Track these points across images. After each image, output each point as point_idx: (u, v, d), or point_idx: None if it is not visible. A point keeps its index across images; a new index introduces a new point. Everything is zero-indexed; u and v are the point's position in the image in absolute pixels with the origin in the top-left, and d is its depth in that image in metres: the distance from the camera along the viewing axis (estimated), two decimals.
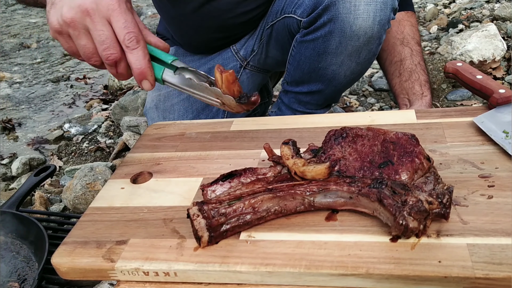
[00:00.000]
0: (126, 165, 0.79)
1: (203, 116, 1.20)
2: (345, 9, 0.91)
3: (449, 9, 2.36)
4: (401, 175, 0.58)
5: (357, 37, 0.93)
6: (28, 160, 1.52)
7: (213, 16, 1.13)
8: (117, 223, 0.64)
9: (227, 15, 1.13)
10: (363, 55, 0.98)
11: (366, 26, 0.92)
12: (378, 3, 0.91)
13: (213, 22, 1.15)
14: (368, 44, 0.96)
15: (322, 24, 0.94)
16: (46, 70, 2.50)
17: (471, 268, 0.48)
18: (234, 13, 1.13)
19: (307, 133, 0.81)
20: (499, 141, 0.68)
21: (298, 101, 1.13)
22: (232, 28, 1.18)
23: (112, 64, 0.69)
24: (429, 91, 1.09)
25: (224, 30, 1.18)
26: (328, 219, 0.58)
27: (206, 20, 1.15)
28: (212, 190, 0.61)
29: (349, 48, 0.96)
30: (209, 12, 1.12)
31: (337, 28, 0.93)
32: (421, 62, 1.13)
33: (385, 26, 0.95)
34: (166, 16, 1.23)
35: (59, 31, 0.69)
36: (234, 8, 1.12)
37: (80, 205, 1.19)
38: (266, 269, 0.52)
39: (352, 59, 0.98)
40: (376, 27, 0.93)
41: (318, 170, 0.59)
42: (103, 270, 0.57)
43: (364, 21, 0.91)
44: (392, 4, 0.94)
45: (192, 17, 1.14)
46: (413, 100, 1.08)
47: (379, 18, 0.92)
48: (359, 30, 0.92)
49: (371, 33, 0.93)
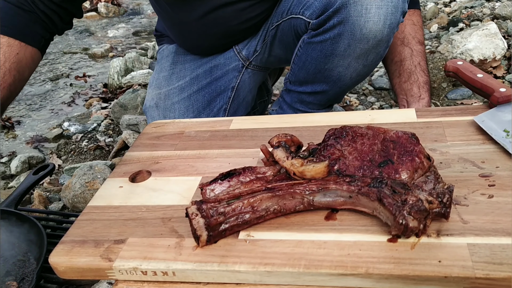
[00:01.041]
0: (125, 164, 0.79)
1: (204, 115, 1.20)
2: (356, 12, 0.90)
3: (450, 8, 2.35)
4: (401, 174, 0.58)
5: (367, 40, 0.93)
6: (27, 158, 1.52)
7: (217, 24, 1.12)
8: (115, 222, 0.64)
9: (232, 22, 1.12)
10: (370, 58, 0.98)
11: (376, 29, 0.91)
12: (389, 6, 0.90)
13: (217, 29, 1.14)
14: (377, 47, 0.95)
15: (332, 26, 0.94)
16: (46, 68, 2.50)
17: (472, 268, 0.48)
18: (239, 20, 1.12)
19: (307, 132, 0.80)
20: (499, 140, 0.68)
21: (301, 100, 1.13)
22: (236, 34, 1.17)
23: None
24: (427, 93, 1.09)
25: (228, 36, 1.17)
26: (327, 219, 0.58)
27: (210, 28, 1.14)
28: (211, 189, 0.61)
29: (357, 51, 0.95)
30: (214, 20, 1.11)
31: (347, 30, 0.92)
32: (422, 62, 1.12)
33: (395, 30, 0.95)
34: (168, 22, 1.22)
35: None
36: (238, 15, 1.11)
37: (79, 203, 1.19)
38: (265, 269, 0.52)
39: (360, 61, 0.98)
40: (386, 31, 0.92)
41: (318, 169, 0.58)
42: (101, 269, 0.57)
43: (374, 24, 0.91)
44: (403, 8, 0.93)
45: (195, 24, 1.13)
46: (410, 102, 1.08)
47: (389, 21, 0.91)
48: (369, 33, 0.92)
49: (380, 36, 0.93)
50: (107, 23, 3.28)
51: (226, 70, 1.22)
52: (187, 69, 1.24)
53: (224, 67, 1.22)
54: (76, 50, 2.74)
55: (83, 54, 2.68)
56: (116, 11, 3.47)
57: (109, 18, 3.41)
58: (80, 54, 2.69)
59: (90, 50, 2.69)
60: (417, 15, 1.18)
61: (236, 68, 1.21)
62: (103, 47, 2.70)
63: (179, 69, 1.24)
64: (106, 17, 3.43)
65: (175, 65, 1.25)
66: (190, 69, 1.23)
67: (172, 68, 1.25)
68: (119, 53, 2.64)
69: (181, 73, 1.23)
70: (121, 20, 3.34)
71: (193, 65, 1.24)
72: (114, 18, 3.39)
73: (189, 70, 1.23)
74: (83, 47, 2.78)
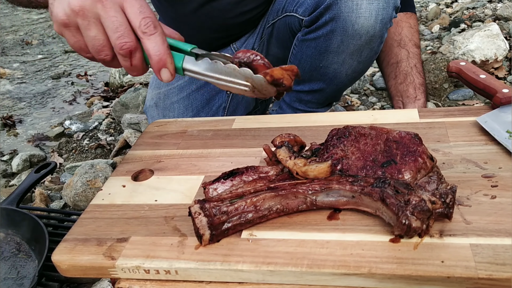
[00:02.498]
0: (127, 163, 0.79)
1: (203, 114, 1.20)
2: (347, 8, 0.90)
3: (451, 9, 2.35)
4: (404, 174, 0.58)
5: (359, 36, 0.93)
6: (28, 156, 1.52)
7: (212, 17, 1.13)
8: (118, 221, 0.64)
9: (227, 15, 1.12)
10: (364, 54, 0.98)
11: (368, 25, 0.91)
12: (381, 1, 0.90)
13: (212, 23, 1.14)
14: (370, 43, 0.95)
15: (324, 23, 0.94)
16: (47, 66, 2.50)
17: (474, 268, 0.48)
18: (233, 13, 1.12)
19: (309, 132, 0.80)
20: (502, 141, 0.68)
21: (299, 99, 1.13)
22: (232, 27, 1.17)
23: (126, 54, 0.62)
24: (423, 95, 1.09)
25: (224, 30, 1.17)
26: (330, 218, 0.58)
27: (205, 21, 1.14)
28: (213, 188, 0.61)
29: (351, 47, 0.95)
30: (209, 13, 1.12)
31: (339, 27, 0.92)
32: (418, 64, 1.13)
33: (387, 25, 0.95)
34: (165, 16, 1.23)
35: (65, 23, 0.63)
36: (234, 8, 1.11)
37: (81, 202, 1.19)
38: (267, 268, 0.52)
39: (354, 58, 0.98)
40: (378, 26, 0.92)
41: (320, 169, 0.58)
42: (103, 267, 0.57)
43: (366, 20, 0.91)
44: (394, 3, 0.93)
45: (191, 17, 1.14)
46: (406, 103, 1.08)
47: (381, 16, 0.91)
48: (361, 29, 0.92)
49: (373, 32, 0.93)
50: None
51: None
52: None
53: None
54: None
55: None
56: None
57: None
58: None
59: None
60: (413, 18, 1.19)
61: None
62: None
63: None
64: None
65: None
66: None
67: None
68: None
69: None
70: None
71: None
72: None
73: None
74: None
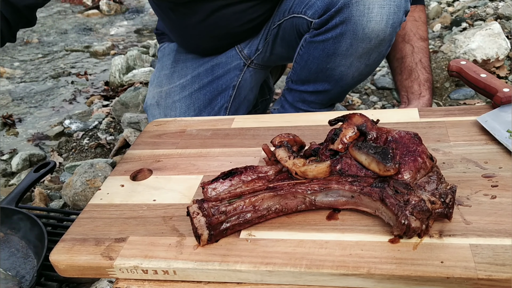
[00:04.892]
0: (126, 162, 0.78)
1: (205, 113, 1.20)
2: (358, 11, 0.90)
3: (453, 8, 2.34)
4: (403, 174, 0.57)
5: (369, 40, 0.92)
6: (28, 156, 1.52)
7: (218, 26, 1.12)
8: (116, 221, 0.63)
9: (234, 23, 1.12)
10: (373, 57, 0.98)
11: (378, 29, 0.91)
12: (392, 6, 0.90)
13: (219, 31, 1.14)
14: (379, 46, 0.95)
15: (334, 25, 0.93)
16: (47, 66, 2.50)
17: (474, 269, 0.47)
18: (240, 21, 1.12)
19: (309, 131, 0.80)
20: (502, 141, 0.68)
21: (302, 100, 1.12)
22: (237, 35, 1.17)
23: None
24: (428, 91, 1.08)
25: (230, 37, 1.17)
26: (329, 218, 0.58)
27: (212, 30, 1.13)
28: (212, 188, 0.60)
29: (360, 50, 0.95)
30: (215, 22, 1.11)
31: (349, 30, 0.92)
32: (423, 59, 1.12)
33: (397, 29, 0.94)
34: (169, 25, 1.22)
35: None
36: (240, 17, 1.11)
37: (80, 201, 1.19)
38: (266, 268, 0.52)
39: (362, 61, 0.98)
40: (389, 30, 0.92)
41: (320, 169, 0.58)
42: (101, 267, 0.56)
43: (377, 24, 0.90)
44: (405, 7, 0.93)
45: (198, 27, 1.13)
46: (411, 99, 1.08)
47: (392, 21, 0.91)
48: (372, 33, 0.91)
49: (383, 36, 0.92)
50: (109, 21, 3.28)
51: (228, 68, 1.21)
52: (189, 67, 1.23)
53: (226, 65, 1.21)
54: (77, 47, 2.74)
55: (84, 51, 2.68)
56: (118, 8, 3.47)
57: (111, 15, 3.41)
58: (81, 51, 2.69)
59: (92, 48, 2.68)
60: (419, 10, 1.17)
61: (238, 66, 1.21)
62: (104, 44, 2.69)
63: (180, 67, 1.24)
64: (107, 14, 3.43)
65: (177, 63, 1.25)
66: (191, 68, 1.23)
67: (173, 66, 1.25)
68: (120, 51, 2.64)
69: (183, 71, 1.23)
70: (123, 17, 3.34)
71: (194, 63, 1.23)
72: (116, 16, 3.39)
73: (190, 68, 1.23)
74: (84, 44, 2.78)
